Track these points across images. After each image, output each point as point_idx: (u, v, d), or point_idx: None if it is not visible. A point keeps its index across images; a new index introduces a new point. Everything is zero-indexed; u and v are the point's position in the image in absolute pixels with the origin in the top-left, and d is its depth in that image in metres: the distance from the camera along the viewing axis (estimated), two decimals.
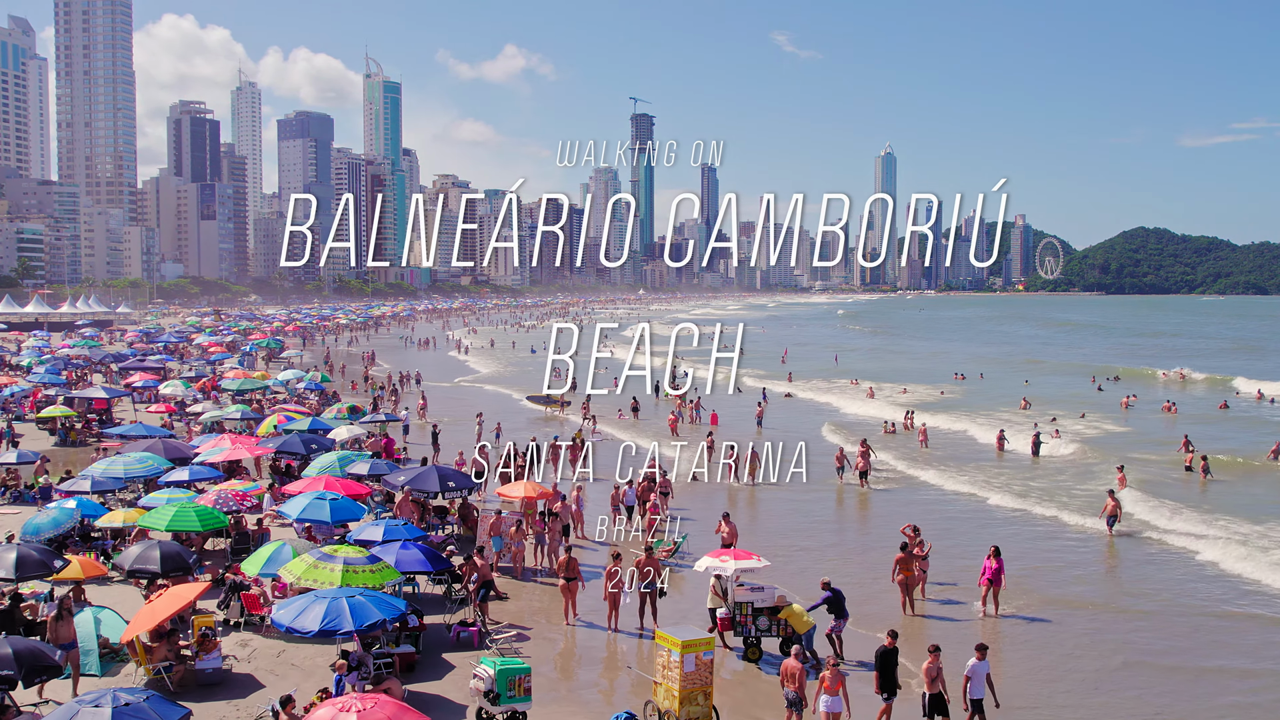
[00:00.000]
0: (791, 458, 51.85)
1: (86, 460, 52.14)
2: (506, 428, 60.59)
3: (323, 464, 38.91)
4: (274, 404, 70.08)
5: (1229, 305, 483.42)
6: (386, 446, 47.79)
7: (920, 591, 30.29)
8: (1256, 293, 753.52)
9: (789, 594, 27.99)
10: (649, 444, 59.21)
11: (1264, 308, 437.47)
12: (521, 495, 34.12)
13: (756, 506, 44.13)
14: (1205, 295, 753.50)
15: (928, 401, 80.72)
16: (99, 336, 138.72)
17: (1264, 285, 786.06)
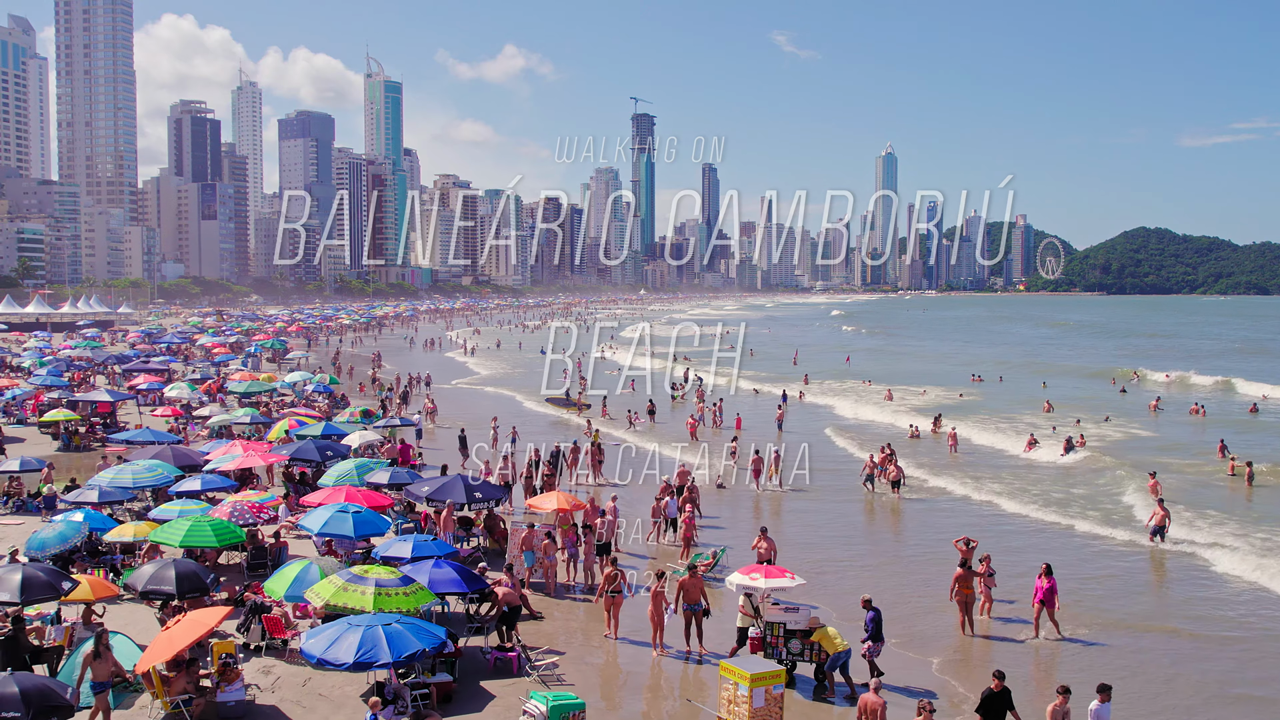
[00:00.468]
0: (810, 462, 50.97)
1: (91, 466, 50.55)
2: (522, 432, 58.82)
3: (340, 472, 37.22)
4: (282, 407, 68.52)
5: (1233, 305, 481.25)
6: (403, 453, 46.06)
7: (984, 611, 28.50)
8: (1258, 293, 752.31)
9: (825, 614, 26.47)
10: (671, 450, 58.01)
11: (1270, 308, 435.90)
12: (554, 507, 32.35)
13: (784, 516, 42.24)
14: (1206, 295, 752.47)
15: (945, 404, 78.93)
16: (100, 337, 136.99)
17: (1266, 285, 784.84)
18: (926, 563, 34.33)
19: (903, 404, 79.59)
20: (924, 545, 36.91)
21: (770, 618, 24.75)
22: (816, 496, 46.02)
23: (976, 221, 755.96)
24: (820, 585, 30.95)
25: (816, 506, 43.89)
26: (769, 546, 30.59)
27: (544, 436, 60.36)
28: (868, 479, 46.44)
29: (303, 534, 34.79)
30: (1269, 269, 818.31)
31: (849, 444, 60.68)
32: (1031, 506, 43.26)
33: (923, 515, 42.18)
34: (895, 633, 24.51)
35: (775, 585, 25.29)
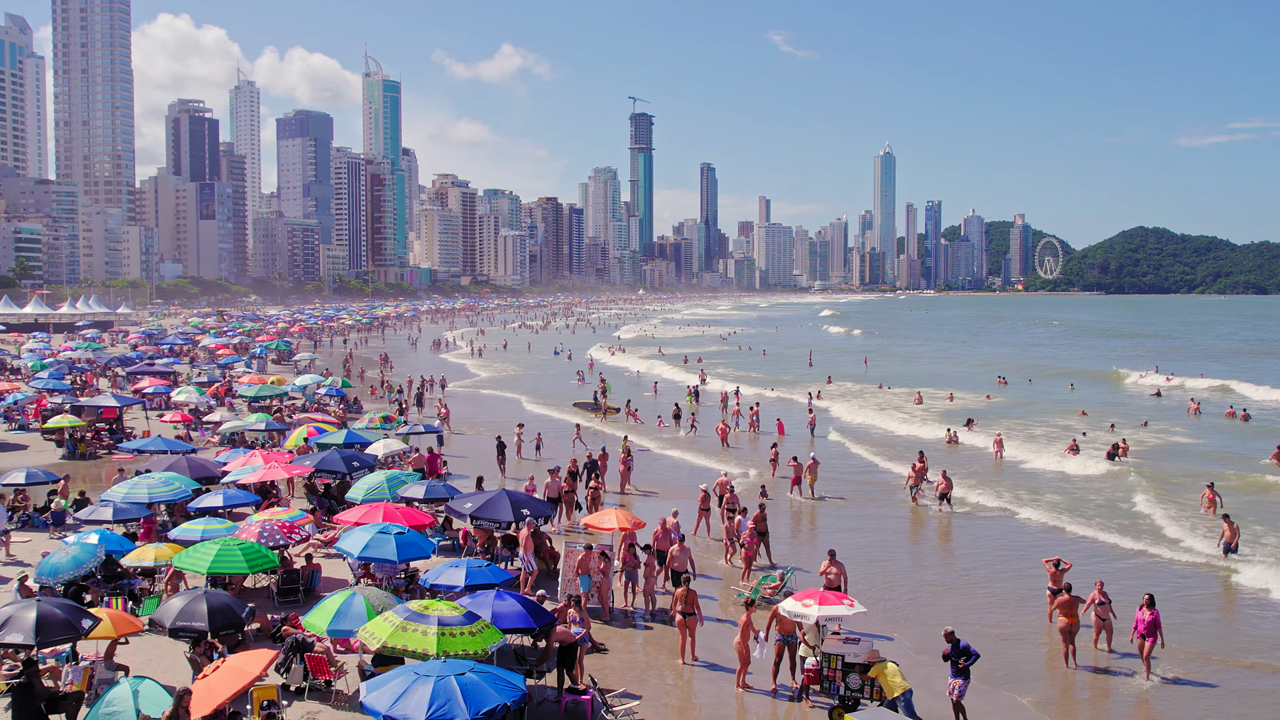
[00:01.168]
0: (837, 470, 48.50)
1: (97, 475, 48.10)
2: (546, 439, 56.31)
3: (369, 486, 34.68)
4: (293, 411, 65.97)
5: (1234, 305, 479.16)
6: (430, 463, 43.44)
7: (1104, 644, 25.80)
8: (1256, 292, 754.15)
9: (898, 645, 24.12)
10: (701, 457, 55.54)
11: (1271, 307, 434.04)
12: (614, 527, 29.73)
13: (830, 529, 39.50)
14: (1205, 295, 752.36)
15: (973, 408, 76.45)
16: (101, 338, 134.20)
17: (1264, 285, 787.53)
18: (999, 585, 31.76)
19: (930, 409, 77.00)
20: (990, 565, 34.28)
21: (828, 649, 22.45)
22: (857, 507, 43.64)
23: (975, 221, 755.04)
24: (886, 611, 28.51)
25: (860, 519, 41.42)
26: (838, 572, 27.80)
27: (568, 443, 57.88)
28: (912, 488, 43.95)
29: (332, 552, 32.32)
30: (1267, 268, 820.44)
31: (866, 450, 58.00)
32: (1080, 521, 40.10)
33: (975, 531, 39.38)
34: (978, 666, 21.86)
35: (829, 614, 22.85)
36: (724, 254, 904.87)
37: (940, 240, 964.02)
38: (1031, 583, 31.13)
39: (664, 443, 60.41)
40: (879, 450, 57.83)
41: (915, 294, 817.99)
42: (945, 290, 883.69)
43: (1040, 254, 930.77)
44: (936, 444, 58.92)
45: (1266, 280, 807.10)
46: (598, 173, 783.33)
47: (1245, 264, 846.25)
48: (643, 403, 74.16)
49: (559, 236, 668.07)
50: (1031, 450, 57.32)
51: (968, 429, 63.10)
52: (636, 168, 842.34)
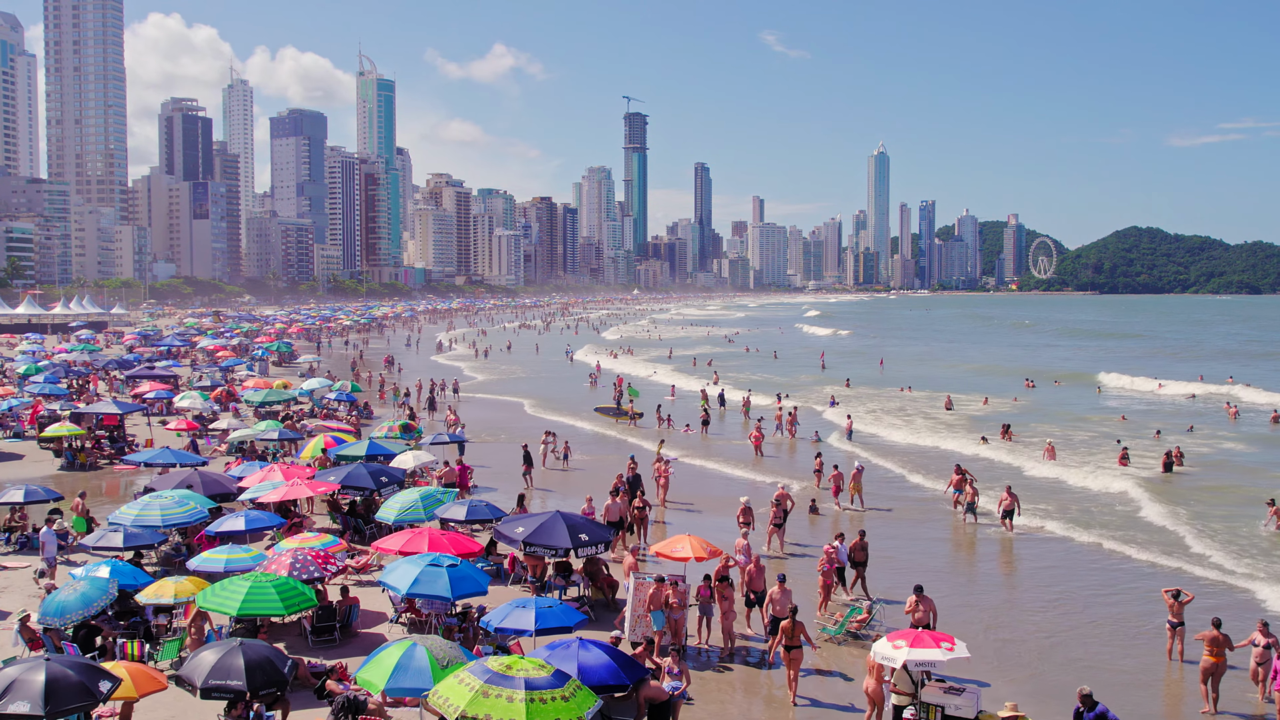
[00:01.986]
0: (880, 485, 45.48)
1: (98, 487, 45.06)
2: (573, 447, 53.26)
3: (403, 505, 31.60)
4: (301, 417, 62.89)
5: (1233, 306, 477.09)
6: (461, 475, 40.30)
7: (1273, 690, 22.60)
8: (1250, 292, 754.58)
9: (989, 692, 21.50)
10: (732, 467, 52.48)
11: (1267, 308, 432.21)
12: (688, 556, 26.59)
13: (885, 552, 36.15)
14: (1199, 295, 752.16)
15: (1002, 413, 73.56)
16: (95, 339, 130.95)
17: (1257, 285, 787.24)
18: (1098, 618, 28.42)
19: (961, 414, 74.08)
20: (1078, 594, 30.83)
21: (928, 698, 19.74)
22: (907, 523, 40.55)
23: (969, 221, 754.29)
24: (974, 649, 25.18)
25: (915, 537, 38.22)
26: (927, 609, 24.50)
27: (595, 452, 54.79)
28: (969, 509, 40.21)
29: (364, 579, 29.27)
30: (1260, 268, 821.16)
31: (894, 463, 54.55)
32: (1155, 550, 35.81)
33: (1044, 554, 35.86)
34: None
35: (921, 658, 19.77)
36: (718, 254, 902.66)
37: (934, 240, 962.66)
38: (1129, 613, 28.58)
39: (689, 450, 57.36)
40: (906, 461, 54.17)
41: (906, 294, 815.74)
42: (939, 290, 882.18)
43: (1034, 254, 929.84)
44: (973, 456, 55.75)
45: (1260, 280, 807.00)
46: (592, 172, 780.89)
47: (1238, 264, 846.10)
48: (663, 407, 71.06)
49: (553, 236, 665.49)
50: (1077, 460, 54.23)
51: (1005, 437, 60.13)
52: (631, 167, 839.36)
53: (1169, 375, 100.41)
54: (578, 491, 44.64)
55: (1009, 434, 60.57)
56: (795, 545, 36.07)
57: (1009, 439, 59.93)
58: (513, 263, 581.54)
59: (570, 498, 43.60)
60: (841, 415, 68.81)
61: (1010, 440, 59.71)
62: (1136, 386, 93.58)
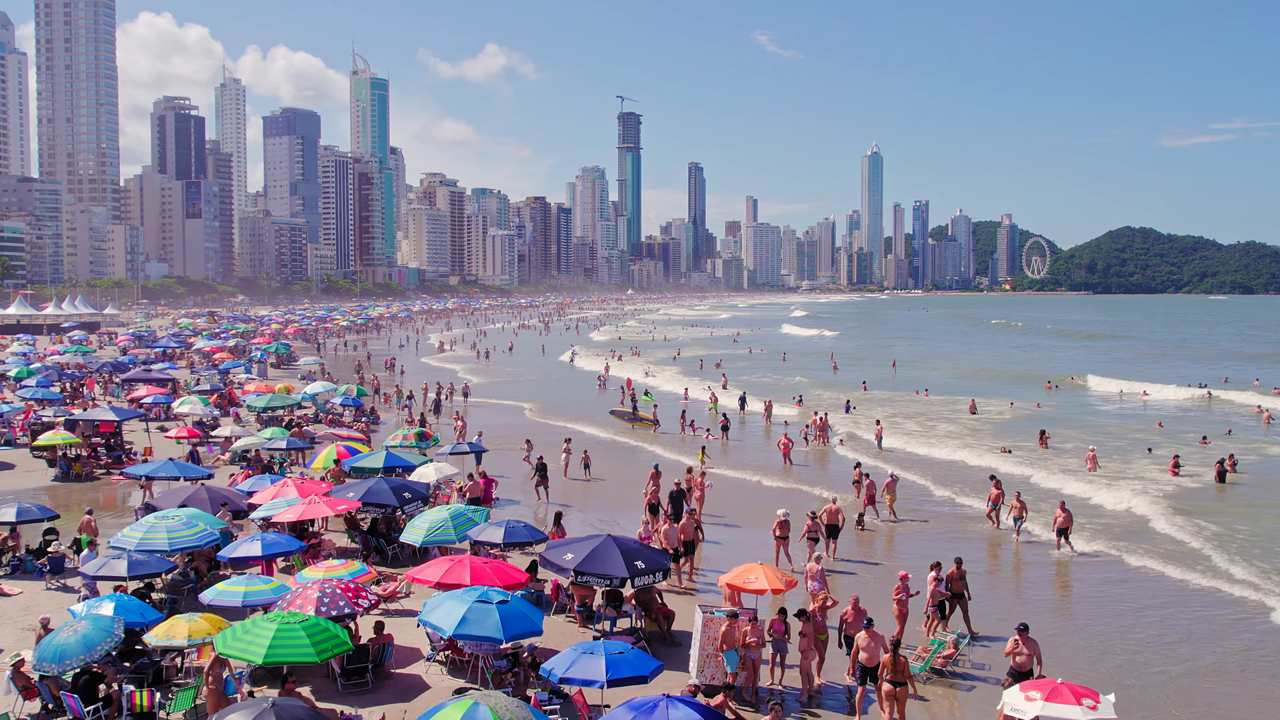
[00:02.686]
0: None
1: (95, 499, 42.36)
2: (592, 457, 50.55)
3: (432, 525, 28.92)
4: (305, 422, 60.16)
5: (1234, 306, 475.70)
6: (486, 489, 37.56)
7: None
8: (1243, 292, 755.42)
9: None
10: (766, 477, 49.77)
11: (1263, 308, 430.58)
12: (765, 588, 23.86)
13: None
14: (1193, 294, 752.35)
15: (1029, 418, 70.98)
16: (88, 340, 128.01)
17: (1250, 284, 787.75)
18: (1220, 661, 25.35)
19: (986, 418, 71.52)
20: (1173, 627, 27.94)
21: None
22: (947, 536, 37.89)
23: (962, 221, 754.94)
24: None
25: (965, 558, 35.53)
26: (1031, 653, 21.37)
27: (615, 461, 52.00)
28: (1016, 520, 37.17)
29: (393, 608, 26.54)
30: (1253, 268, 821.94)
31: (917, 475, 51.67)
32: (1251, 574, 32.70)
33: (1104, 575, 33.05)
34: None
35: (1058, 716, 17.10)
36: (712, 254, 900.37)
37: (928, 240, 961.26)
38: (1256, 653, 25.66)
39: (710, 457, 54.71)
40: (932, 472, 50.90)
41: (900, 294, 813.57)
42: (933, 290, 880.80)
43: (1027, 254, 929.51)
44: (1004, 470, 53.08)
45: (1253, 280, 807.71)
46: (585, 172, 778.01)
47: (1231, 264, 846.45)
48: (676, 412, 68.36)
49: (547, 236, 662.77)
50: (1117, 468, 51.46)
51: (1042, 445, 57.49)
52: (624, 167, 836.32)
53: (1189, 378, 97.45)
54: (602, 505, 42.15)
55: (1045, 441, 57.93)
56: (841, 561, 33.51)
57: (1045, 446, 57.32)
58: (507, 263, 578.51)
59: (592, 511, 41.15)
60: (856, 421, 66.27)
61: (1046, 448, 57.10)
62: (1164, 393, 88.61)
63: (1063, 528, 35.54)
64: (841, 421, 65.85)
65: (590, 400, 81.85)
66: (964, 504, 43.43)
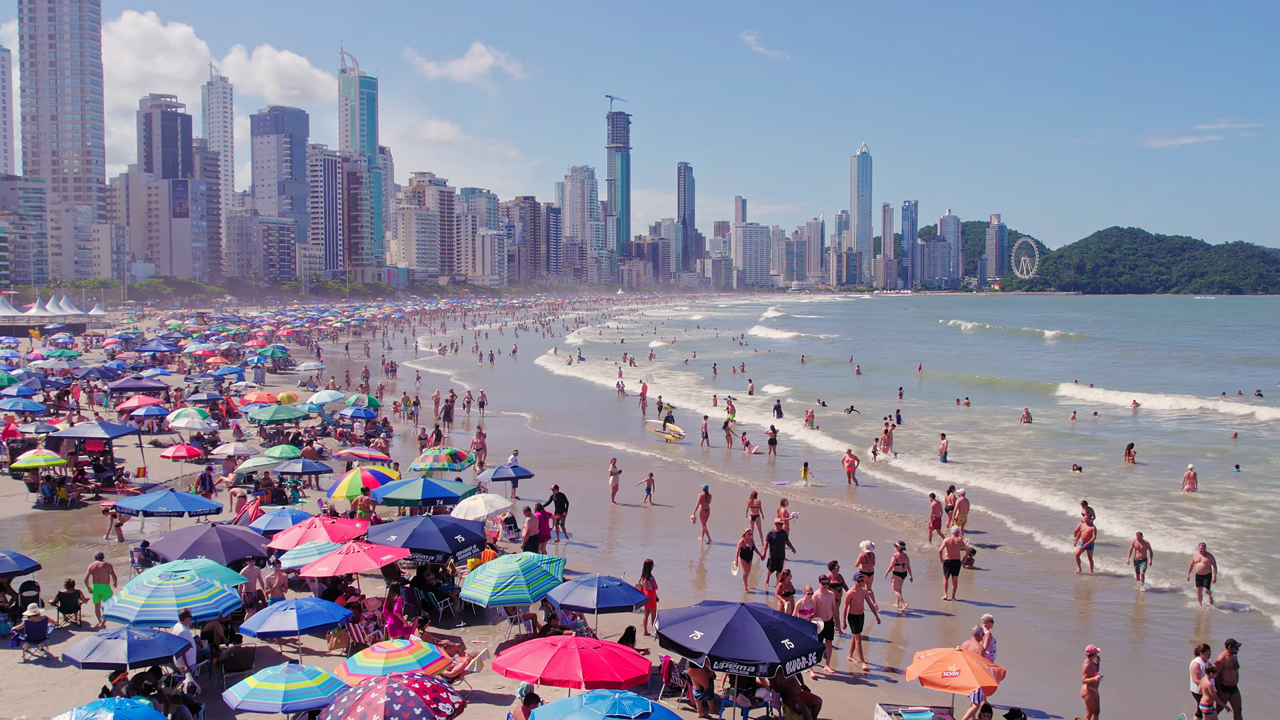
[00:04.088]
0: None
1: (82, 530, 36.92)
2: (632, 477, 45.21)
3: (500, 580, 23.42)
4: (313, 436, 54.70)
5: (1235, 306, 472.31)
6: (542, 525, 32.06)
7: None
8: (1231, 292, 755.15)
9: None
10: (833, 499, 44.45)
11: (1258, 308, 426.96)
12: (972, 684, 18.34)
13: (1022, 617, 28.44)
14: (1181, 294, 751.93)
15: (1088, 426, 65.87)
16: (74, 343, 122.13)
17: (1238, 285, 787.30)
18: None
19: (1042, 428, 66.29)
20: None
21: None
22: (1044, 571, 32.99)
23: (951, 221, 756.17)
24: None
25: (1069, 605, 30.40)
26: None
27: (668, 483, 46.51)
28: (1139, 564, 31.45)
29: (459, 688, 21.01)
30: (1241, 268, 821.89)
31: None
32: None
33: (1263, 638, 27.68)
34: None
35: None
36: (701, 254, 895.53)
37: (917, 240, 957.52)
38: None
39: (753, 475, 49.47)
40: (992, 499, 44.58)
41: (888, 294, 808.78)
42: (922, 290, 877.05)
43: (1016, 254, 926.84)
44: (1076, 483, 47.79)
45: (1241, 280, 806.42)
46: (575, 172, 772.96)
47: (1220, 264, 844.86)
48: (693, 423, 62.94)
49: (536, 236, 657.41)
50: (1227, 487, 46.17)
51: (1129, 459, 52.26)
52: (614, 167, 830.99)
53: (1221, 386, 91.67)
54: (671, 542, 36.80)
55: (1132, 455, 52.65)
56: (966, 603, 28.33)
57: (1132, 461, 52.11)
58: (496, 263, 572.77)
59: (658, 544, 35.95)
60: (904, 434, 60.96)
61: (1133, 463, 51.89)
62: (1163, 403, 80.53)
63: (1203, 575, 29.74)
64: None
65: (612, 411, 76.66)
66: (1043, 536, 38.08)
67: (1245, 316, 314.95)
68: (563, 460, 51.88)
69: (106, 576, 26.92)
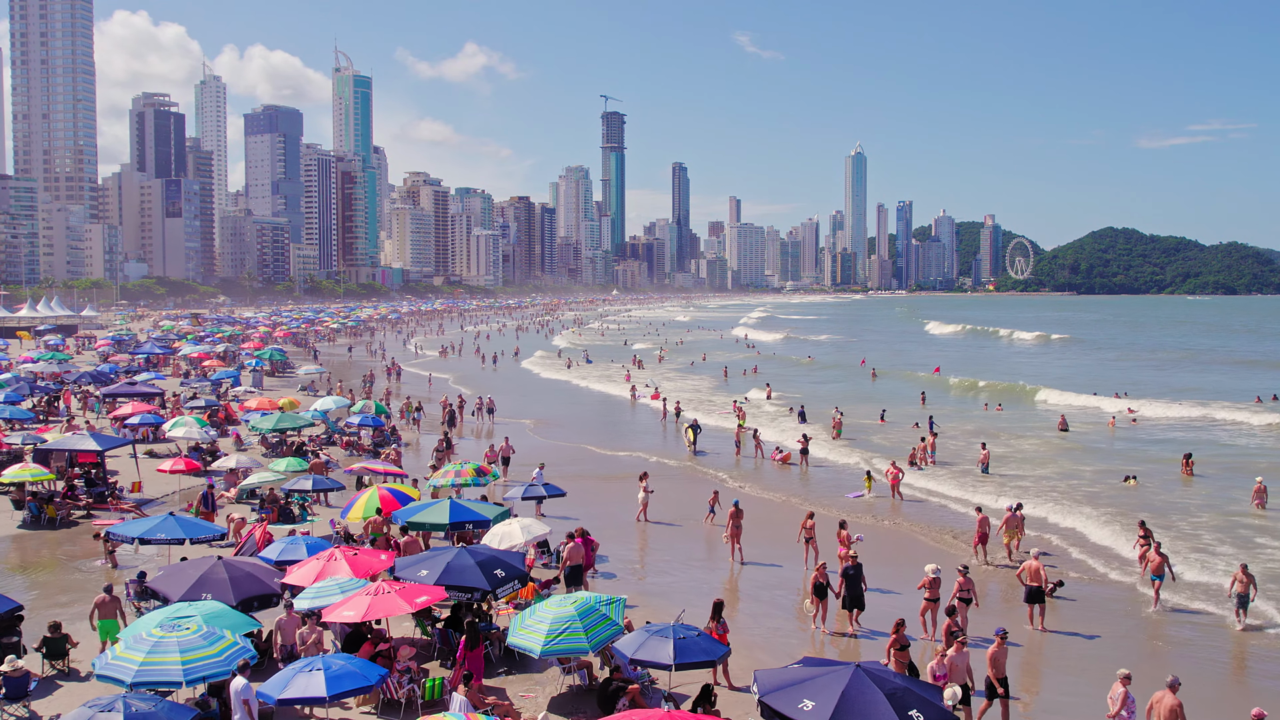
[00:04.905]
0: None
1: (73, 554, 33.75)
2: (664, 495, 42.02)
3: (554, 625, 20.24)
4: (317, 446, 51.52)
5: (1235, 306, 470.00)
6: (588, 553, 28.78)
7: None
8: (1226, 293, 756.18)
9: None
10: (881, 519, 41.30)
11: (1255, 308, 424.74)
12: None
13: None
14: (1175, 295, 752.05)
15: (1131, 436, 62.78)
16: (65, 345, 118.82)
17: (1233, 285, 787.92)
18: None
19: (1079, 438, 63.17)
20: None
21: None
22: (1104, 606, 29.58)
23: (945, 221, 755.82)
24: None
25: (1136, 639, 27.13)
26: None
27: (677, 496, 43.29)
28: (1240, 600, 27.55)
29: None
30: (1236, 269, 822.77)
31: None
32: None
33: None
34: None
35: None
36: (696, 254, 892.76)
37: (911, 241, 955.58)
38: None
39: (786, 490, 46.34)
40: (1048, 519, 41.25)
41: (873, 294, 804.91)
42: (916, 291, 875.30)
43: (1011, 254, 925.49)
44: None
45: (1235, 281, 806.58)
46: (570, 172, 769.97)
47: (1214, 264, 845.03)
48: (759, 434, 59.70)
49: (531, 236, 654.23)
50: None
51: (1187, 470, 49.06)
52: (608, 167, 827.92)
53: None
54: (711, 568, 33.67)
55: (1190, 466, 49.47)
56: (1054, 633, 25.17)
57: (1190, 473, 48.97)
58: (491, 263, 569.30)
59: (696, 569, 32.93)
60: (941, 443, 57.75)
61: (1191, 474, 48.75)
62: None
63: (1243, 591, 27.07)
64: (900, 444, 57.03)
65: (603, 416, 73.82)
66: (1100, 559, 34.91)
67: (1248, 318, 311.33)
68: (581, 473, 48.53)
69: (114, 612, 23.99)
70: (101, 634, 23.69)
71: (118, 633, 22.99)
